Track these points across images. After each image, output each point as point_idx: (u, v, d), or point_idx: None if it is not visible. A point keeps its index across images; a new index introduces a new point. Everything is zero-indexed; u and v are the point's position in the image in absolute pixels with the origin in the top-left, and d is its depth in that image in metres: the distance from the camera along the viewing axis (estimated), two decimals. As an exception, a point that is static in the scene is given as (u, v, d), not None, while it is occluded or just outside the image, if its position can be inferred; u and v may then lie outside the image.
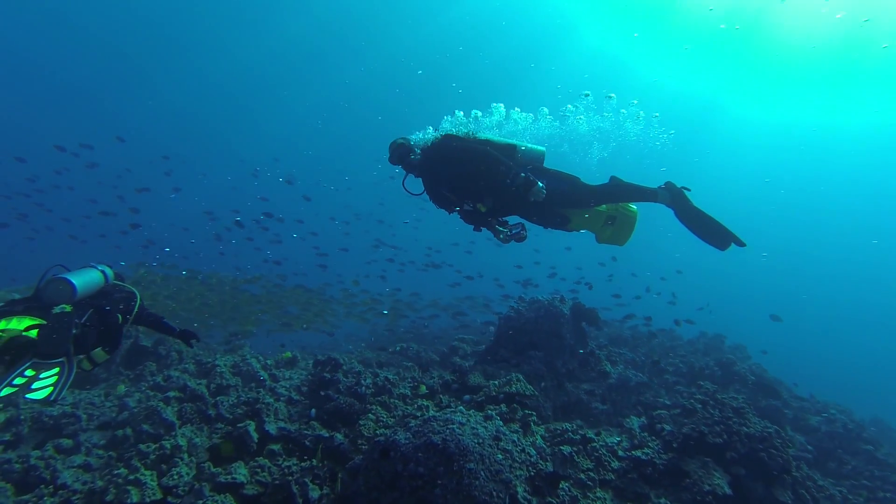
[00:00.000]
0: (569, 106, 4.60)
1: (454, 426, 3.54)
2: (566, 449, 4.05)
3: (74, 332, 2.87)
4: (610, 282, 13.70)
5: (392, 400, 4.99)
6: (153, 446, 3.88)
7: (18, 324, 2.71)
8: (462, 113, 4.12)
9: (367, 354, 8.32)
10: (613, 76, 29.42)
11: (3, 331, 2.64)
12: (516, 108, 4.29)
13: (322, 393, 5.05)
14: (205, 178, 27.18)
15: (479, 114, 4.20)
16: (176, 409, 4.77)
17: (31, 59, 28.76)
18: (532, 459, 3.71)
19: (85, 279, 3.18)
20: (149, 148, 25.44)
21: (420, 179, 4.00)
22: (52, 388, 2.63)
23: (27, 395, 2.55)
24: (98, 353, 3.10)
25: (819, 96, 28.14)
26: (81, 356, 3.01)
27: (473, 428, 3.62)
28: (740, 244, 3.72)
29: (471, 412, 3.97)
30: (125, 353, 6.81)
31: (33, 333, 2.70)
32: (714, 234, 3.75)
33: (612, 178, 3.96)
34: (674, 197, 3.86)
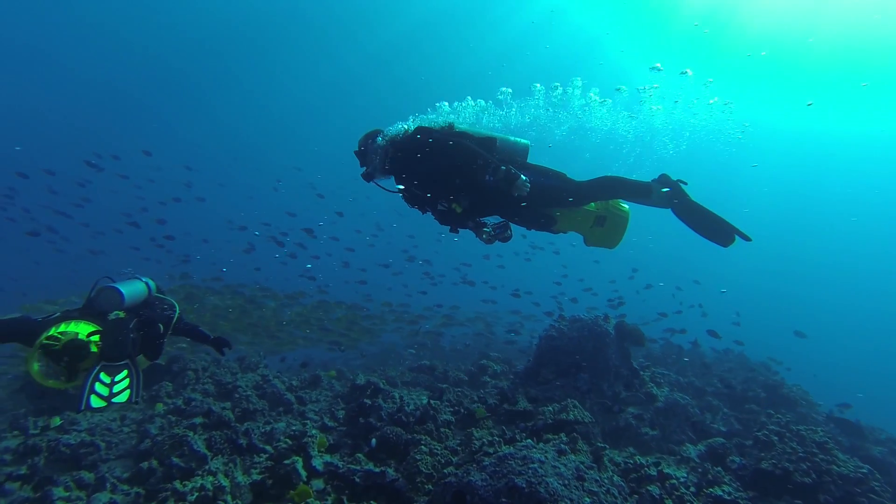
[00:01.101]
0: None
1: (535, 465, 3.15)
2: (654, 490, 3.67)
3: (131, 336, 3.09)
4: (638, 294, 13.36)
5: (442, 429, 4.59)
6: (190, 485, 3.44)
7: (77, 327, 2.90)
8: (447, 104, 3.79)
9: (390, 373, 7.89)
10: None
11: (62, 333, 2.84)
12: (593, 94, 3.95)
13: (362, 420, 4.64)
14: (223, 188, 26.45)
15: (484, 103, 3.85)
16: (203, 437, 4.32)
17: (58, 65, 28.25)
18: (618, 503, 3.32)
19: (132, 289, 3.34)
20: (170, 157, 24.67)
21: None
22: (128, 390, 2.95)
23: (114, 400, 2.85)
24: (140, 359, 3.24)
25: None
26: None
27: (555, 466, 3.23)
28: (745, 238, 3.39)
29: (547, 447, 3.58)
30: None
31: (94, 338, 2.91)
32: (715, 229, 3.42)
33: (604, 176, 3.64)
34: (671, 192, 3.53)
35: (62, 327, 2.91)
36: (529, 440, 3.89)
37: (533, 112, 4.31)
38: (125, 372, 3.05)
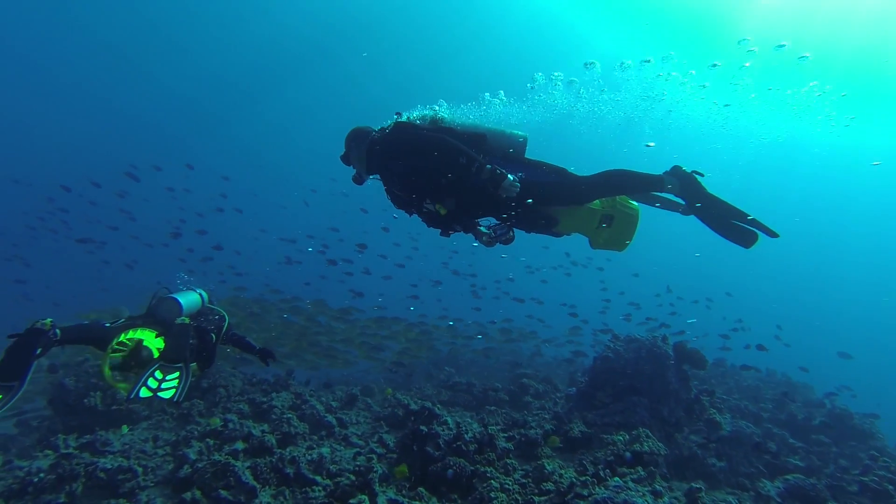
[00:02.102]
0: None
1: (639, 513, 2.77)
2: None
3: (191, 342, 3.23)
4: (660, 305, 12.86)
5: (505, 460, 4.20)
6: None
7: (142, 334, 3.11)
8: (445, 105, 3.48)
9: (427, 391, 7.51)
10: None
11: (129, 339, 3.06)
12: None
13: (415, 448, 4.26)
14: (256, 198, 26.36)
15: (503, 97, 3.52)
16: (247, 465, 3.97)
17: (97, 84, 28.71)
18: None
19: (189, 300, 3.50)
20: (206, 168, 24.63)
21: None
22: (174, 389, 3.00)
23: (159, 394, 2.92)
24: (193, 367, 3.32)
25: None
26: None
27: (659, 514, 2.84)
28: (772, 234, 3.04)
29: (641, 489, 3.19)
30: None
31: (158, 344, 3.12)
32: (737, 228, 3.08)
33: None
34: (683, 184, 3.17)
35: (129, 334, 3.14)
36: (618, 479, 3.49)
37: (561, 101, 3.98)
38: (177, 373, 3.19)
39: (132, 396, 2.92)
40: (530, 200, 3.02)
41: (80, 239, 13.31)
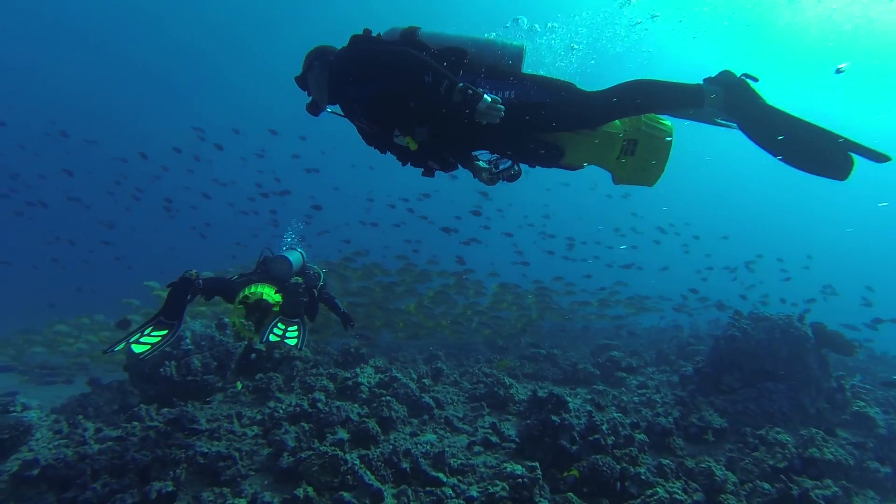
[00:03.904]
0: None
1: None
2: None
3: (305, 299, 3.60)
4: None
5: (642, 455, 3.56)
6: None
7: (262, 288, 3.42)
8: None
9: (505, 363, 6.92)
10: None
11: (252, 293, 3.37)
12: None
13: (547, 440, 3.65)
14: (325, 156, 25.57)
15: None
16: (355, 456, 3.44)
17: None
18: None
19: (295, 258, 3.81)
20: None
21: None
22: (297, 339, 3.54)
23: (285, 341, 3.48)
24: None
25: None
26: None
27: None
28: (880, 158, 2.12)
29: None
30: (239, 359, 5.60)
31: (277, 297, 3.43)
32: (818, 151, 2.20)
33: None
34: (731, 95, 2.33)
35: (252, 288, 3.44)
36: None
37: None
38: (296, 326, 3.69)
39: (263, 340, 3.47)
40: (527, 119, 2.37)
41: (165, 204, 13.03)
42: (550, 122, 2.42)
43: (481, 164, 2.73)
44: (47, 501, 3.36)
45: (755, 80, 2.38)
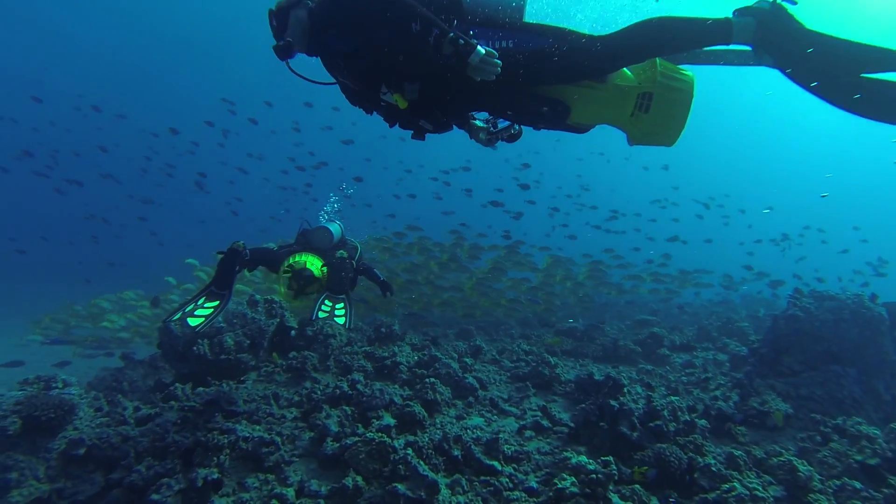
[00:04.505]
0: None
1: None
2: None
3: (350, 275, 3.79)
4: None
5: (704, 444, 3.32)
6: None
7: (305, 258, 3.63)
8: None
9: (548, 339, 6.69)
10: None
11: (296, 261, 3.62)
12: None
13: (603, 426, 3.43)
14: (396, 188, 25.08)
15: None
16: (401, 442, 3.28)
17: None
18: None
19: (335, 229, 3.91)
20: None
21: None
22: (345, 317, 3.70)
23: (335, 320, 3.65)
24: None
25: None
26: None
27: None
28: None
29: None
30: (272, 336, 5.48)
31: (320, 264, 3.66)
32: (874, 92, 1.86)
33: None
34: (764, 28, 2.00)
35: (296, 258, 3.59)
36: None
37: None
38: (343, 303, 3.76)
39: (314, 318, 3.64)
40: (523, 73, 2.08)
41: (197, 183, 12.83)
42: (552, 72, 2.13)
43: (478, 123, 2.50)
44: (95, 481, 3.31)
45: (794, 2, 2.03)
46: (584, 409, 3.54)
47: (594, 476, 2.49)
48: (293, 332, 5.22)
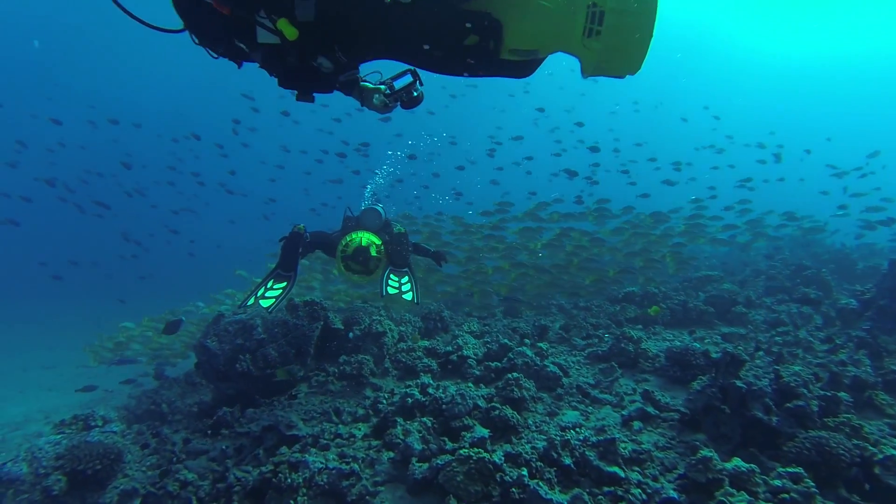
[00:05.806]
0: None
1: None
2: None
3: (409, 249, 4.13)
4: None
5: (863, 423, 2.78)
6: None
7: (359, 236, 3.86)
8: None
9: (656, 309, 6.03)
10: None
11: (352, 239, 3.84)
12: None
13: (728, 410, 2.92)
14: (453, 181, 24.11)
15: None
16: (501, 456, 2.81)
17: None
18: None
19: (382, 210, 4.25)
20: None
21: None
22: (412, 292, 3.90)
23: (403, 296, 3.81)
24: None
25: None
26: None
27: None
28: None
29: None
30: (317, 341, 5.02)
31: (373, 238, 3.89)
32: None
33: None
34: None
35: (347, 239, 3.82)
36: None
37: None
38: (407, 277, 3.97)
39: (382, 293, 3.77)
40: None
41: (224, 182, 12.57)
42: None
43: (368, 84, 2.08)
44: (156, 534, 2.92)
45: None
46: (704, 393, 3.01)
47: (786, 496, 1.97)
48: (351, 335, 4.81)
